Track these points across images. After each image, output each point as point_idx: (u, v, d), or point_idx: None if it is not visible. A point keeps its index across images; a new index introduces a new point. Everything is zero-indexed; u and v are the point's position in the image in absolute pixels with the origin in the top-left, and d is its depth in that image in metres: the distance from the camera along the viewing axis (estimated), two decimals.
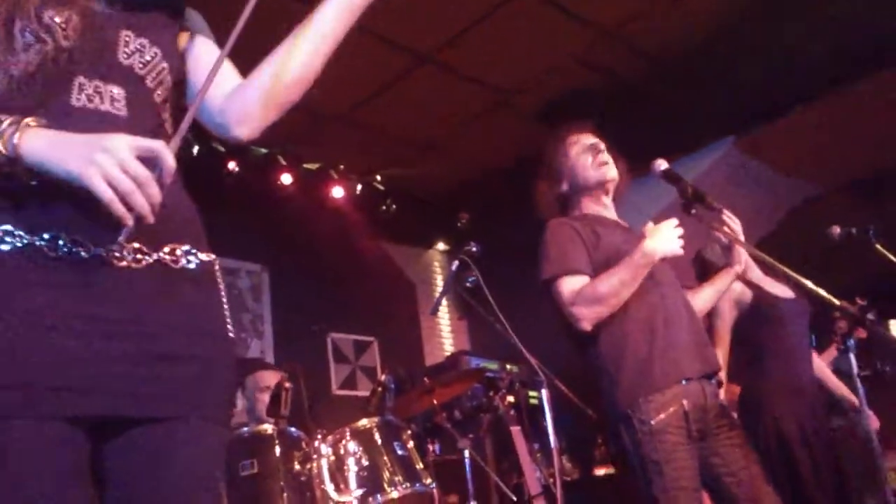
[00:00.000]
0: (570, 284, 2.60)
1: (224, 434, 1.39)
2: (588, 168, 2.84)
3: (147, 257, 1.30)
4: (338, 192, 6.60)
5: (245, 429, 3.38)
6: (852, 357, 3.14)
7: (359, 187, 6.71)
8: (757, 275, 3.82)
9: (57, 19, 1.30)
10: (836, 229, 3.79)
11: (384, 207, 6.89)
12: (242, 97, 1.48)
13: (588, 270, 2.62)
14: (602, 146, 2.87)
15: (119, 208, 1.16)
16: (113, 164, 1.16)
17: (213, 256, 1.41)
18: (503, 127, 6.23)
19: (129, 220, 1.18)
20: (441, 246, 7.96)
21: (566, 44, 5.41)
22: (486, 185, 6.81)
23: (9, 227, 1.23)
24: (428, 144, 6.45)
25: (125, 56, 1.37)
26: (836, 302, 2.38)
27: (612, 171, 2.85)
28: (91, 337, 1.22)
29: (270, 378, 4.16)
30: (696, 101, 5.69)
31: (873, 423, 3.34)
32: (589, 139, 2.90)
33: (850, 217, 3.90)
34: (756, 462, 2.52)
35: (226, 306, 1.41)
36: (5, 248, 1.22)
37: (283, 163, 6.28)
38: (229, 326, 1.39)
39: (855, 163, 6.61)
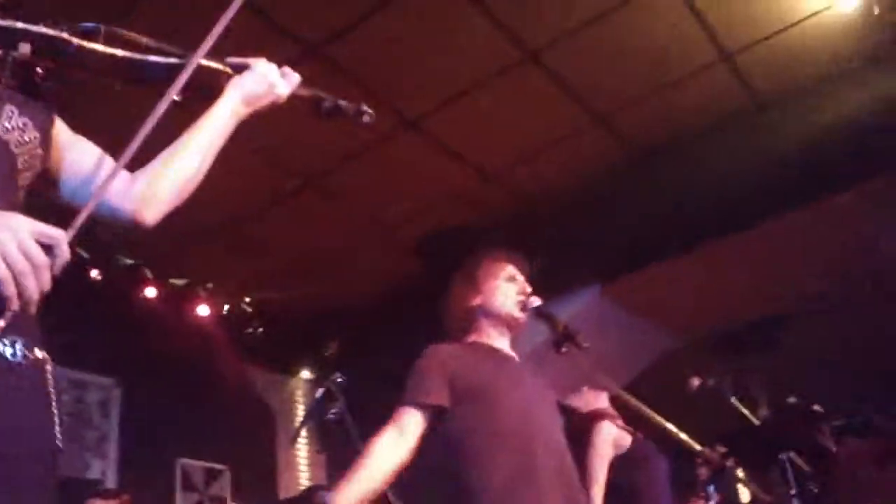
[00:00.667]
0: (404, 415, 2.57)
1: None
2: (508, 299, 2.81)
3: None
4: (203, 310, 6.39)
5: None
6: None
7: (226, 307, 6.53)
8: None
9: None
10: (695, 381, 3.92)
11: (250, 330, 6.72)
12: (156, 184, 1.52)
13: (438, 404, 2.59)
14: (528, 288, 2.86)
15: (10, 289, 1.10)
16: (12, 243, 1.11)
17: (45, 355, 1.33)
18: (378, 257, 6.27)
19: (15, 304, 1.12)
20: (305, 374, 7.75)
21: (446, 181, 5.57)
22: (356, 314, 6.76)
23: None
24: (302, 269, 6.38)
25: (4, 130, 1.34)
26: (698, 447, 2.42)
27: (522, 315, 2.81)
28: None
29: None
30: (568, 246, 5.89)
31: None
32: (519, 275, 2.90)
33: (711, 367, 4.04)
34: None
35: (55, 408, 1.32)
36: None
37: (149, 276, 6.06)
38: (57, 428, 1.30)
39: (716, 314, 6.93)
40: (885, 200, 5.37)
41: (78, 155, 1.53)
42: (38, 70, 1.38)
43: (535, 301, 2.81)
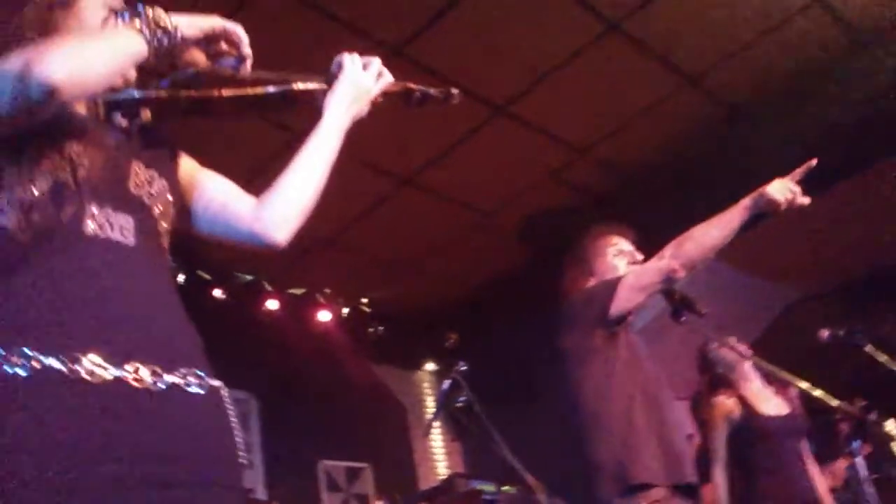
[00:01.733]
0: (630, 278, 2.59)
1: None
2: (621, 273, 2.82)
3: (160, 380, 1.29)
4: (324, 316, 6.58)
5: None
6: (859, 461, 3.07)
7: (345, 311, 6.71)
8: (754, 387, 3.80)
9: (76, 150, 1.35)
10: (825, 332, 3.78)
11: (371, 330, 6.88)
12: (278, 206, 1.60)
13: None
14: (638, 256, 2.85)
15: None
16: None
17: (220, 383, 1.42)
18: (484, 245, 6.30)
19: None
20: (430, 366, 7.89)
21: (542, 163, 5.55)
22: (471, 304, 6.82)
23: (26, 350, 1.21)
24: (412, 265, 6.49)
25: (135, 186, 1.43)
26: (835, 402, 2.36)
27: None
28: (121, 461, 1.20)
29: None
30: (671, 212, 5.77)
31: None
32: (627, 245, 2.90)
33: (836, 318, 3.91)
34: None
35: (237, 432, 1.41)
36: (22, 372, 1.20)
37: (269, 289, 6.28)
38: (241, 452, 1.39)
39: (834, 264, 6.68)
40: None
41: (205, 189, 1.62)
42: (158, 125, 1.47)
43: None
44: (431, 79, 4.51)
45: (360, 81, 1.69)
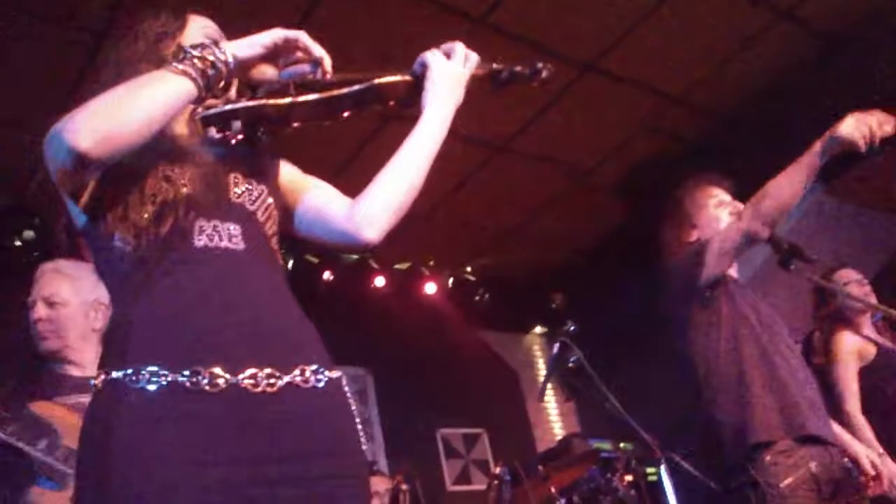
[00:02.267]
0: (715, 244, 2.58)
1: None
2: (724, 224, 2.79)
3: (279, 381, 1.34)
4: (430, 287, 6.69)
5: None
6: None
7: (450, 281, 6.80)
8: (869, 324, 3.69)
9: (176, 170, 1.43)
10: None
11: (477, 297, 6.94)
12: (368, 206, 1.61)
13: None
14: (739, 206, 2.82)
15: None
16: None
17: (339, 373, 1.45)
18: (583, 204, 6.27)
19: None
20: (539, 329, 7.92)
21: (635, 115, 5.47)
22: (574, 264, 6.82)
23: (154, 368, 1.29)
24: (513, 230, 6.52)
25: (236, 196, 1.50)
26: None
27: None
28: (251, 477, 1.26)
29: (378, 484, 4.17)
30: (777, 151, 5.60)
31: None
32: (725, 195, 2.86)
33: None
34: None
35: (357, 419, 1.45)
36: (152, 387, 1.27)
37: (375, 266, 6.42)
38: (362, 439, 1.43)
39: None
40: None
41: (306, 194, 1.67)
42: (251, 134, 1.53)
43: None
44: (518, 45, 4.53)
45: (450, 72, 1.69)
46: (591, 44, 4.83)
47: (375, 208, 1.60)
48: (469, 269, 6.90)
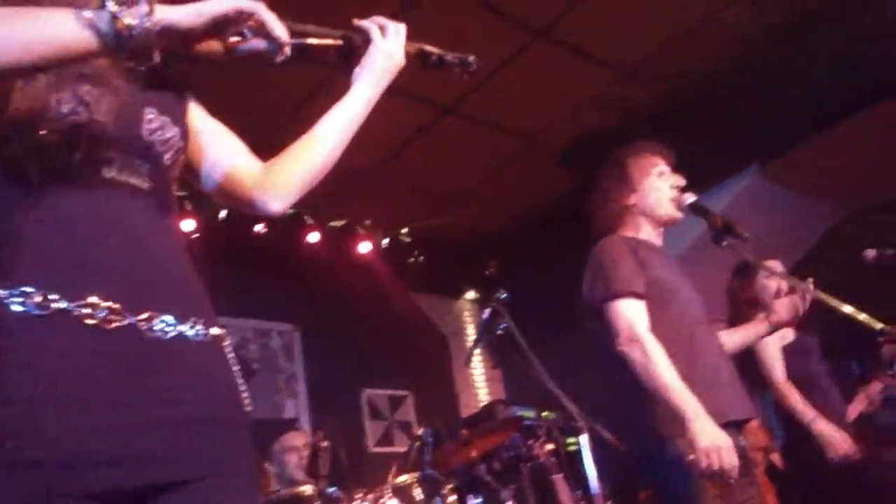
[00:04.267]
0: (629, 310, 2.50)
1: (256, 491, 1.41)
2: (664, 197, 2.78)
3: (171, 329, 1.31)
4: (365, 247, 6.61)
5: (283, 491, 3.35)
6: None
7: (385, 241, 6.74)
8: None
9: (92, 93, 1.32)
10: (871, 252, 3.73)
11: (412, 259, 6.90)
12: (286, 175, 1.57)
13: (644, 294, 2.54)
14: (681, 181, 2.80)
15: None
16: None
17: (223, 331, 1.42)
18: (527, 173, 6.24)
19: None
20: (471, 295, 7.93)
21: (586, 85, 5.44)
22: (514, 232, 6.81)
23: (37, 291, 1.22)
24: (453, 194, 6.47)
25: (148, 133, 1.41)
26: (879, 325, 2.33)
27: (679, 213, 2.79)
28: (131, 405, 1.23)
29: (296, 439, 4.13)
30: (718, 132, 5.67)
31: None
32: (668, 167, 2.83)
33: (884, 238, 3.83)
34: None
35: (240, 379, 1.42)
36: (37, 312, 1.21)
37: (310, 222, 6.31)
38: (245, 398, 1.41)
39: (884, 182, 6.53)
40: None
41: (213, 146, 1.59)
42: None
43: (690, 197, 2.75)
44: (475, 8, 4.44)
45: (390, 52, 1.66)
46: (546, 10, 4.77)
47: (286, 181, 1.56)
48: (405, 230, 6.83)
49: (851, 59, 5.18)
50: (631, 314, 2.49)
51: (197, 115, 1.58)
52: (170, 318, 1.31)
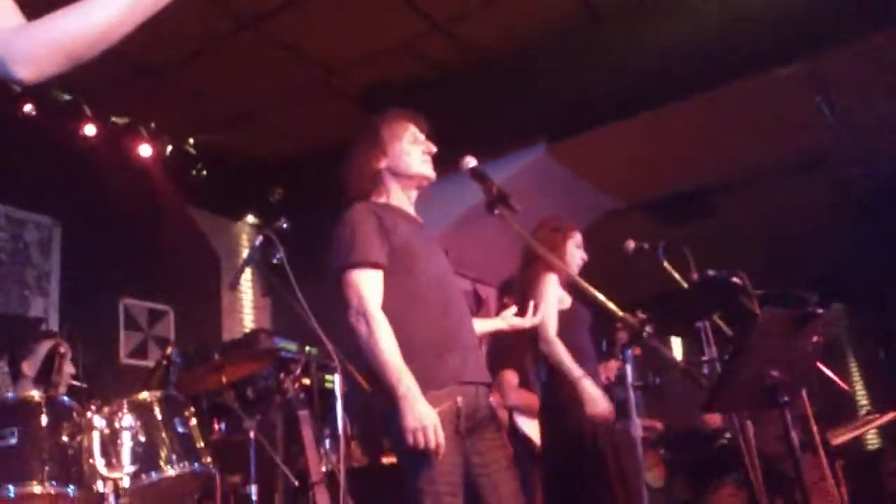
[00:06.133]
0: (363, 280, 2.55)
1: None
2: (414, 160, 2.81)
3: None
4: (146, 150, 6.25)
5: (10, 395, 3.14)
6: (628, 367, 3.32)
7: (169, 148, 6.41)
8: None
9: None
10: (631, 243, 4.03)
11: (194, 172, 6.60)
12: (36, 38, 1.35)
13: (384, 263, 2.60)
14: (433, 147, 2.85)
15: None
16: None
17: None
18: (323, 106, 6.16)
19: None
20: (251, 219, 7.74)
21: (396, 30, 5.41)
22: (302, 163, 6.70)
23: None
24: (247, 114, 6.26)
25: None
26: (620, 313, 2.51)
27: (432, 172, 2.84)
28: None
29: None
30: (514, 104, 5.84)
31: (637, 430, 3.57)
32: (421, 134, 2.87)
33: (646, 234, 4.13)
34: (512, 467, 2.62)
35: None
36: None
37: (88, 113, 5.88)
38: None
39: (657, 180, 7.03)
40: (828, 78, 5.39)
41: None
42: None
43: (471, 161, 2.81)
44: None
45: None
46: None
47: (37, 44, 1.35)
48: (192, 141, 6.53)
49: (648, 55, 5.48)
50: (363, 286, 2.54)
51: None
52: None
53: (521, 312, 3.21)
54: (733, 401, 2.87)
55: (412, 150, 2.82)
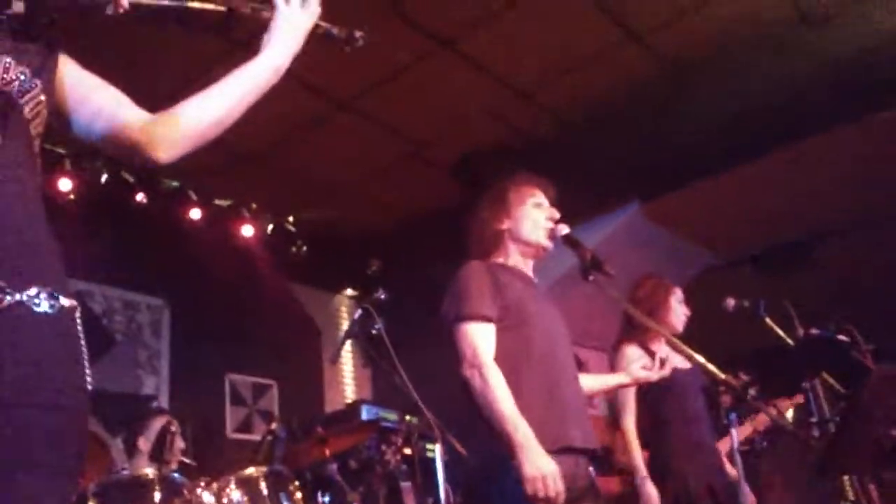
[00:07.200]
0: (476, 334, 2.57)
1: (64, 483, 1.29)
2: (537, 227, 2.85)
3: (9, 297, 1.23)
4: (248, 230, 6.50)
5: (124, 472, 3.25)
6: (734, 431, 3.22)
7: (270, 227, 6.64)
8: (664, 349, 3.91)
9: None
10: (731, 301, 3.93)
11: (294, 249, 6.82)
12: (177, 126, 1.54)
13: (493, 317, 2.61)
14: (556, 213, 2.88)
15: None
16: None
17: (74, 302, 1.34)
18: (416, 178, 6.28)
19: None
20: (350, 292, 7.90)
21: (481, 100, 5.52)
22: (398, 235, 6.82)
23: None
24: (342, 189, 6.44)
25: (4, 83, 1.34)
26: (721, 376, 2.45)
27: (549, 243, 2.86)
28: None
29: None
30: (604, 165, 5.84)
31: (749, 499, 3.45)
32: (545, 200, 2.92)
33: (747, 289, 4.04)
34: None
35: (84, 354, 1.34)
36: None
37: (194, 197, 6.17)
38: (87, 377, 1.32)
39: (754, 233, 6.87)
40: None
41: (93, 91, 1.54)
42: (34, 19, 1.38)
43: (564, 229, 2.84)
44: (382, 5, 4.44)
45: (297, 19, 1.68)
46: (453, 25, 4.81)
47: (176, 129, 1.53)
48: (291, 218, 6.76)
49: (737, 109, 5.42)
50: (476, 339, 2.56)
51: (71, 68, 1.54)
52: (7, 287, 1.23)
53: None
54: (850, 462, 2.75)
55: (536, 216, 2.86)
